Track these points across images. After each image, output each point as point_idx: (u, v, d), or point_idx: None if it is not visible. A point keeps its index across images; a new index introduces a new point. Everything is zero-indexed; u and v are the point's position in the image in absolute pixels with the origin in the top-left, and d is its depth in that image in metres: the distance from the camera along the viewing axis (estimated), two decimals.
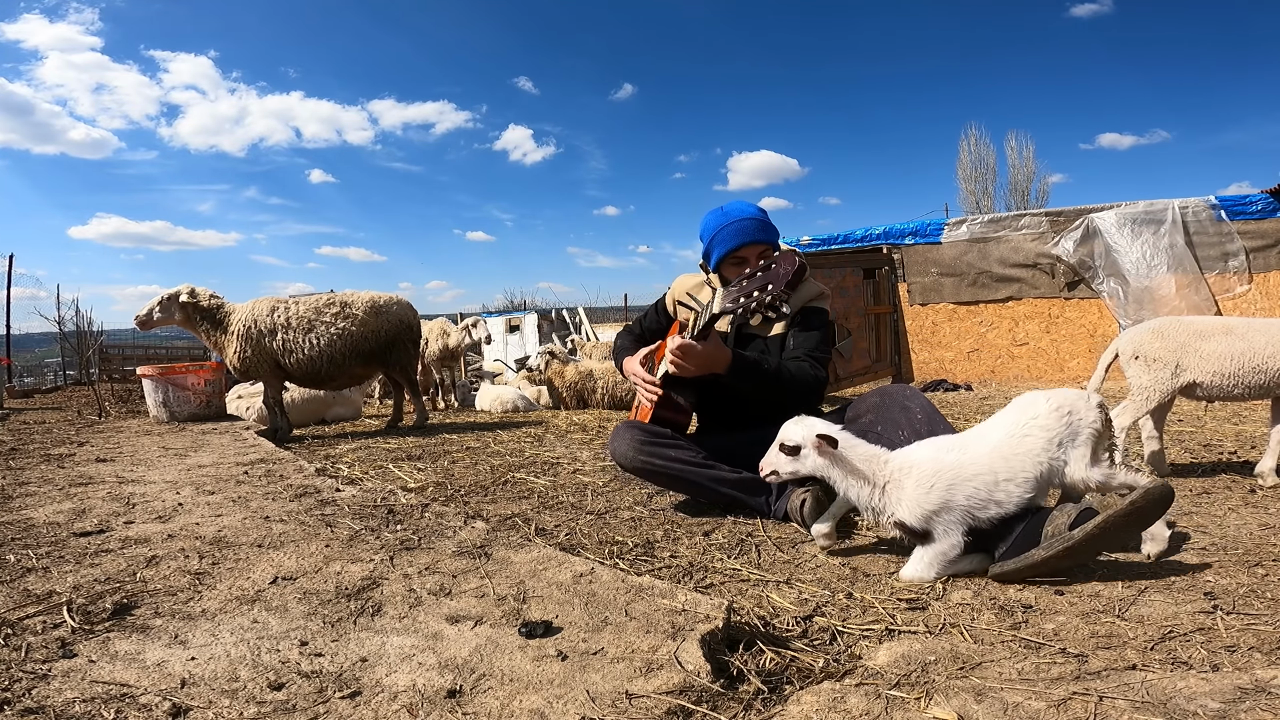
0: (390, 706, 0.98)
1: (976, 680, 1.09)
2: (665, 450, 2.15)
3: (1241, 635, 1.27)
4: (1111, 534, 1.44)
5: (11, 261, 13.34)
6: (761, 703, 1.02)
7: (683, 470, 2.13)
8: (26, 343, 18.17)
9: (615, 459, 2.22)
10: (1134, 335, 2.57)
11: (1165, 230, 7.57)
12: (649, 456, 2.14)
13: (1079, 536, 1.40)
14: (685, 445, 2.21)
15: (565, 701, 0.98)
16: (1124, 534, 1.46)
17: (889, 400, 2.03)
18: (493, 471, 3.00)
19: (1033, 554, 1.46)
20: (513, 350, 13.34)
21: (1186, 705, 0.97)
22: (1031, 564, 1.46)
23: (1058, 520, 1.46)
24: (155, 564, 1.58)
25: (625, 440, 2.18)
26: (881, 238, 8.82)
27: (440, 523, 1.90)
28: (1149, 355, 2.49)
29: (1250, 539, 1.84)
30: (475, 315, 8.79)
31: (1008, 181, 25.55)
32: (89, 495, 2.32)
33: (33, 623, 1.25)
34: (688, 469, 2.13)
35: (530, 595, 1.35)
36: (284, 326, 4.51)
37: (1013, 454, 1.58)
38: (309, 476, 2.62)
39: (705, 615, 1.21)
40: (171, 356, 15.59)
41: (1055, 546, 1.42)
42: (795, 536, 1.94)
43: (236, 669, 1.08)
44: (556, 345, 7.26)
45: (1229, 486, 2.43)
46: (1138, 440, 2.84)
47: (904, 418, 1.96)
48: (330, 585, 1.43)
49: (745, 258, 2.18)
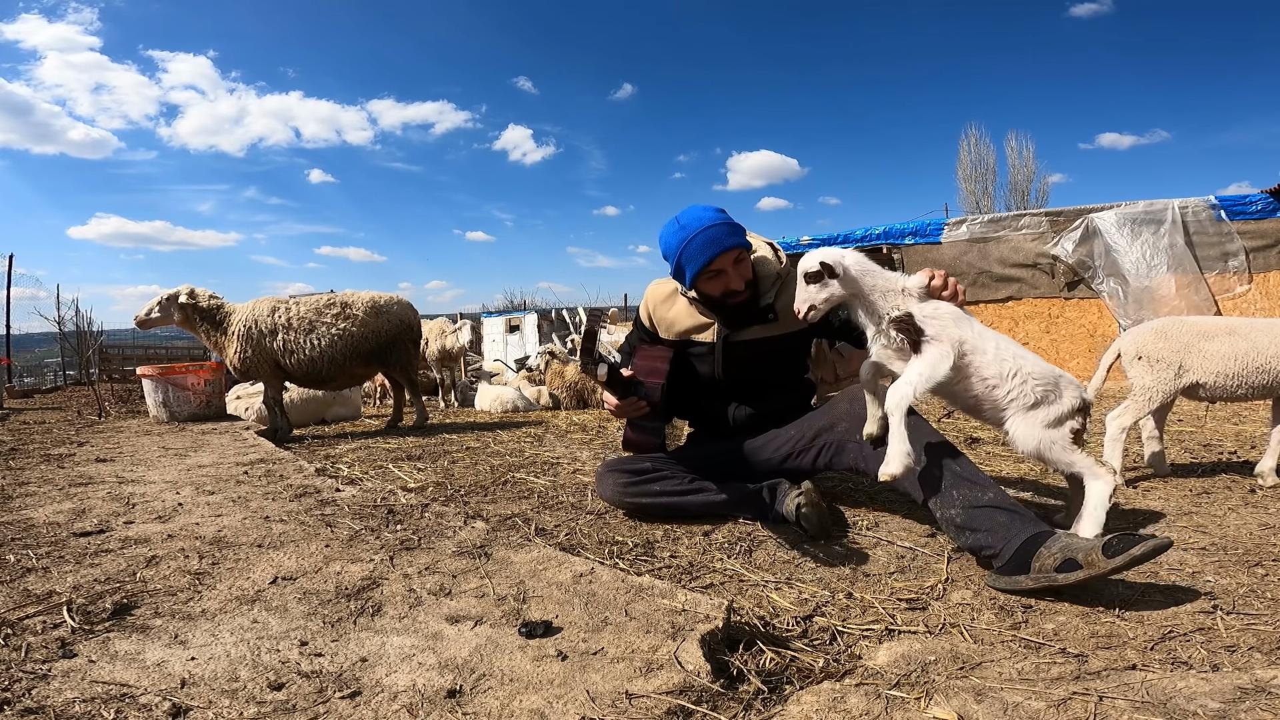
0: (390, 706, 0.98)
1: (976, 680, 1.09)
2: (650, 487, 2.15)
3: (1241, 635, 1.27)
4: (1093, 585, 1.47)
5: (11, 261, 13.36)
6: (761, 703, 1.02)
7: (671, 502, 2.13)
8: (26, 343, 18.18)
9: (604, 500, 2.25)
10: (1136, 336, 2.57)
11: (1165, 230, 7.57)
12: (635, 497, 2.15)
13: (1062, 582, 1.44)
14: (669, 474, 2.15)
15: (565, 701, 0.98)
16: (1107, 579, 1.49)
17: (857, 406, 1.95)
18: (493, 471, 3.00)
19: (1021, 580, 1.50)
20: (513, 350, 13.34)
21: (1186, 705, 0.97)
22: (1019, 589, 1.51)
23: (1044, 559, 1.48)
24: (155, 564, 1.58)
25: (609, 485, 2.19)
26: (881, 238, 8.82)
27: (440, 523, 1.90)
28: (1152, 355, 2.49)
29: (1250, 539, 1.84)
30: (468, 318, 8.77)
31: (1008, 181, 25.57)
32: (89, 495, 2.32)
33: (33, 623, 1.25)
34: (675, 499, 2.13)
35: (530, 595, 1.35)
36: (285, 327, 4.51)
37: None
38: (309, 476, 2.62)
39: (705, 615, 1.21)
40: (171, 356, 15.60)
41: (1041, 583, 1.47)
42: (796, 536, 1.94)
43: (236, 669, 1.08)
44: (556, 345, 7.25)
45: (1229, 486, 2.43)
46: (1138, 440, 2.84)
47: None
48: (330, 585, 1.43)
49: (722, 269, 2.00)
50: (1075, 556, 1.43)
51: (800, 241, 8.85)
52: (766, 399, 2.21)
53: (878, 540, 1.90)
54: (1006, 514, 1.59)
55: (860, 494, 2.44)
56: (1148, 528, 1.97)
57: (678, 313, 2.21)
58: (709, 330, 2.16)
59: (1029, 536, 1.53)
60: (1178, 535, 1.89)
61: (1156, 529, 1.96)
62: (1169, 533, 1.91)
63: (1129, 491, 2.41)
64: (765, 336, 2.13)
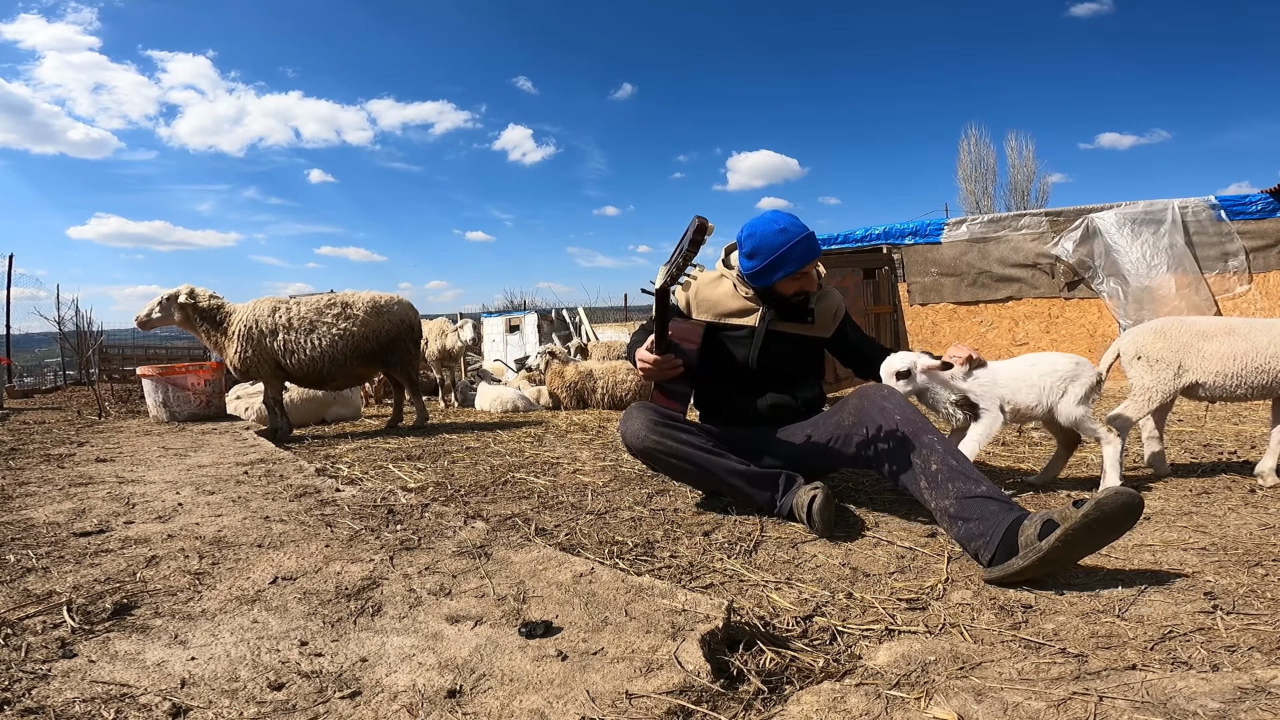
0: (390, 706, 0.98)
1: (976, 680, 1.09)
2: (679, 434, 2.16)
3: (1241, 635, 1.27)
4: (1076, 543, 1.49)
5: (11, 261, 13.35)
6: (761, 703, 1.02)
7: (694, 455, 2.13)
8: (26, 343, 18.18)
9: (625, 439, 2.21)
10: (1136, 336, 2.57)
11: (1165, 230, 7.57)
12: (662, 438, 2.14)
13: (1046, 547, 1.48)
14: (697, 431, 2.24)
15: (565, 701, 0.98)
16: (1093, 541, 1.52)
17: (867, 403, 2.09)
18: (493, 471, 3.00)
19: (1013, 563, 1.53)
20: (513, 350, 13.34)
21: (1186, 705, 0.97)
22: (1014, 571, 1.53)
23: (1028, 531, 1.55)
24: (155, 564, 1.58)
25: (639, 420, 2.18)
26: (881, 238, 8.82)
27: (440, 523, 1.90)
28: (1151, 355, 2.49)
29: (1250, 539, 1.84)
30: (469, 317, 8.75)
31: (1008, 181, 25.60)
32: (89, 495, 2.32)
33: (33, 623, 1.25)
34: (699, 454, 2.13)
35: (530, 595, 1.35)
36: (285, 327, 4.50)
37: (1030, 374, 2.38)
38: (309, 476, 2.62)
39: (705, 615, 1.21)
40: (171, 356, 15.60)
41: (1030, 557, 1.50)
42: (796, 536, 1.94)
43: (236, 669, 1.08)
44: (556, 345, 7.26)
45: (1229, 486, 2.43)
46: (1138, 440, 2.84)
47: (882, 419, 2.02)
48: (330, 585, 1.43)
49: (808, 273, 2.29)
50: (1051, 517, 1.52)
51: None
52: (786, 390, 2.38)
53: (878, 540, 1.90)
54: (997, 504, 1.67)
55: (860, 494, 2.44)
56: (1148, 527, 1.97)
57: (722, 295, 2.40)
58: (752, 316, 2.36)
59: (1013, 519, 1.60)
60: (1177, 535, 1.89)
61: (1156, 529, 1.96)
62: (1169, 533, 1.92)
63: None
64: (800, 334, 2.38)
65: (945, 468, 1.80)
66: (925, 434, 1.90)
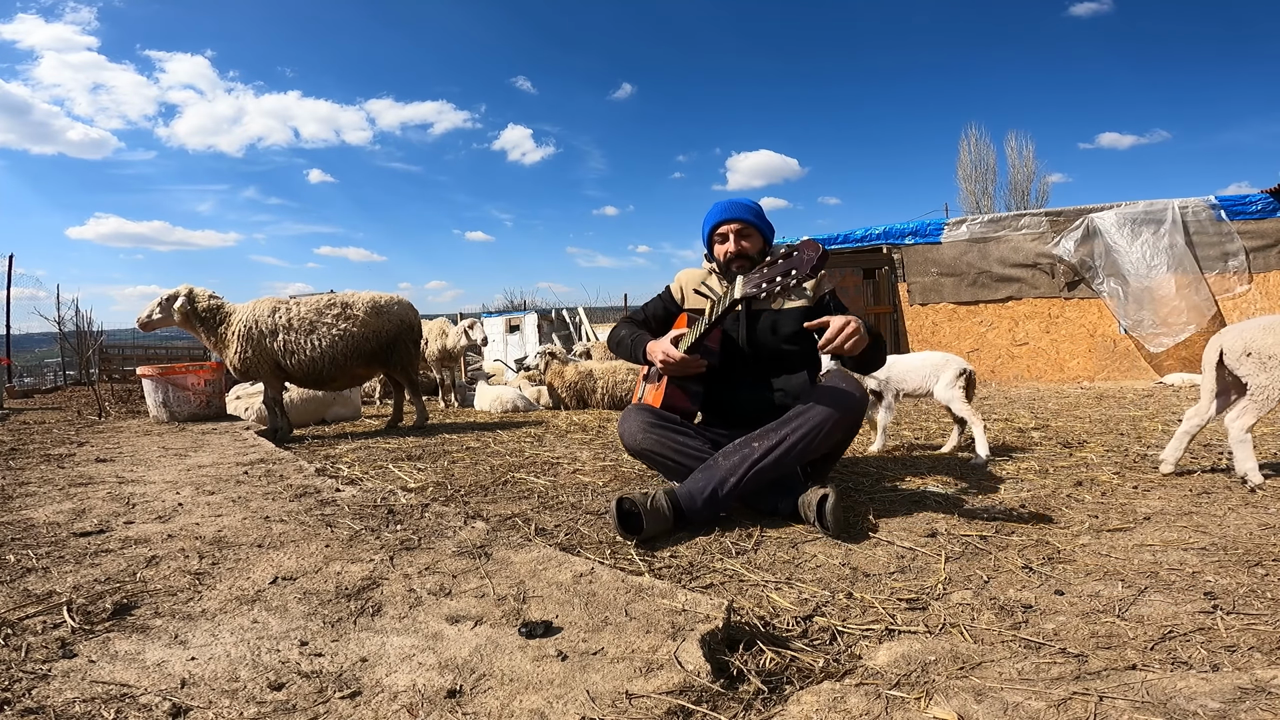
0: (390, 706, 0.98)
1: (976, 680, 1.09)
2: (675, 436, 2.17)
3: (1241, 635, 1.27)
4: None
5: (11, 261, 13.35)
6: (761, 703, 1.02)
7: (689, 461, 2.13)
8: (26, 343, 18.19)
9: (623, 440, 2.24)
10: (1241, 332, 2.49)
11: (1165, 230, 7.57)
12: (658, 438, 2.15)
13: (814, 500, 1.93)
14: (695, 434, 2.23)
15: (565, 701, 0.98)
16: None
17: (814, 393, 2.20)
18: (493, 471, 3.00)
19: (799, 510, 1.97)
20: (512, 350, 13.34)
21: (1186, 705, 0.97)
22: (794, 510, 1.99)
23: (809, 498, 1.95)
24: (155, 564, 1.58)
25: (635, 421, 2.20)
26: (881, 238, 8.82)
27: (440, 523, 1.90)
28: (1264, 352, 2.44)
29: (1250, 539, 1.84)
30: (474, 315, 8.75)
31: (1008, 181, 25.58)
32: (89, 495, 2.32)
33: (33, 623, 1.25)
34: (694, 455, 2.14)
35: (530, 595, 1.35)
36: (285, 327, 4.50)
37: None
38: (309, 476, 2.62)
39: (705, 615, 1.21)
40: (171, 356, 15.60)
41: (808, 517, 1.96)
42: (796, 536, 1.94)
43: (236, 669, 1.08)
44: (556, 345, 7.25)
45: (1229, 486, 2.43)
46: (1162, 429, 2.83)
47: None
48: (330, 585, 1.43)
49: (726, 234, 2.35)
50: (827, 494, 1.92)
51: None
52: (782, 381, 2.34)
53: (878, 540, 1.90)
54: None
55: (860, 494, 2.44)
56: (1148, 527, 1.97)
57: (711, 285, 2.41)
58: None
59: (802, 489, 2.00)
60: (1177, 535, 1.89)
61: (1156, 529, 1.96)
62: (1169, 533, 1.92)
63: (1129, 491, 2.41)
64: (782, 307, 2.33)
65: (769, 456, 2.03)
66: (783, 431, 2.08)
